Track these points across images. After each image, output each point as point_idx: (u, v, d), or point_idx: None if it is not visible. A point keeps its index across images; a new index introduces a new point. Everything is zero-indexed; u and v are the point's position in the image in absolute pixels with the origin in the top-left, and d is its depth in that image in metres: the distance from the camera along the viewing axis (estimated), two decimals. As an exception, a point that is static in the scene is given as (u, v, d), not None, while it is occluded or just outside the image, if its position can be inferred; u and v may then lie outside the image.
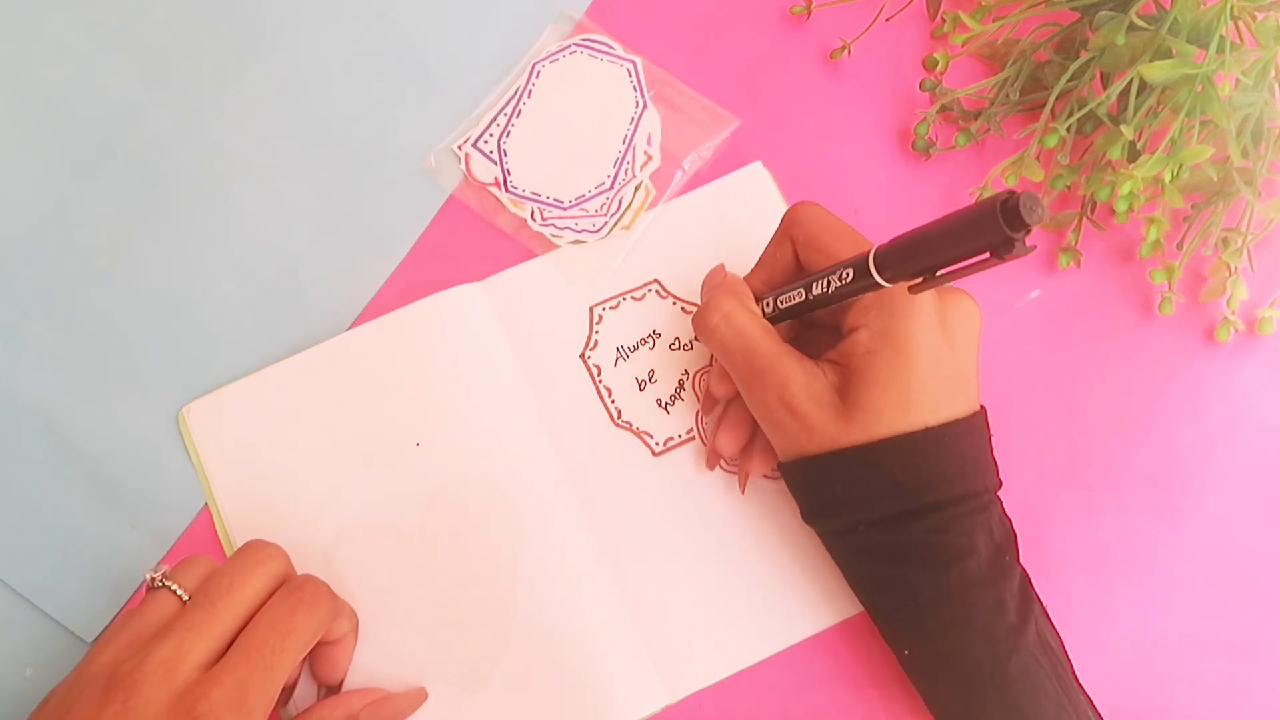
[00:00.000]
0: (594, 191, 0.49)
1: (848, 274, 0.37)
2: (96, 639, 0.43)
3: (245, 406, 0.46)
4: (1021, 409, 0.47)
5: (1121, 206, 0.45)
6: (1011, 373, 0.47)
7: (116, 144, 0.50)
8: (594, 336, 0.47)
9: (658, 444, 0.46)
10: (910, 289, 0.35)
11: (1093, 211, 0.48)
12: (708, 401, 0.46)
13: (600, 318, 0.47)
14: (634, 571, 0.44)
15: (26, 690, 0.43)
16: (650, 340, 0.47)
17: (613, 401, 0.46)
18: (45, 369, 0.47)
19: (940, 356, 0.38)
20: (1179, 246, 0.48)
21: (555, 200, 0.49)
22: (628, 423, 0.46)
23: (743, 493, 0.45)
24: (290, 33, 0.51)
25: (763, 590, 0.44)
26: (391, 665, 0.42)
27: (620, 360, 0.47)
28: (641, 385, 0.47)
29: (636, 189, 0.49)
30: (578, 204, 0.48)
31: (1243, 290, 0.46)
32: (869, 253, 0.36)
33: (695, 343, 0.47)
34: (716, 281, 0.43)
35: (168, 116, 0.50)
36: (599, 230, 0.48)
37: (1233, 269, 0.46)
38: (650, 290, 0.48)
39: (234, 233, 0.48)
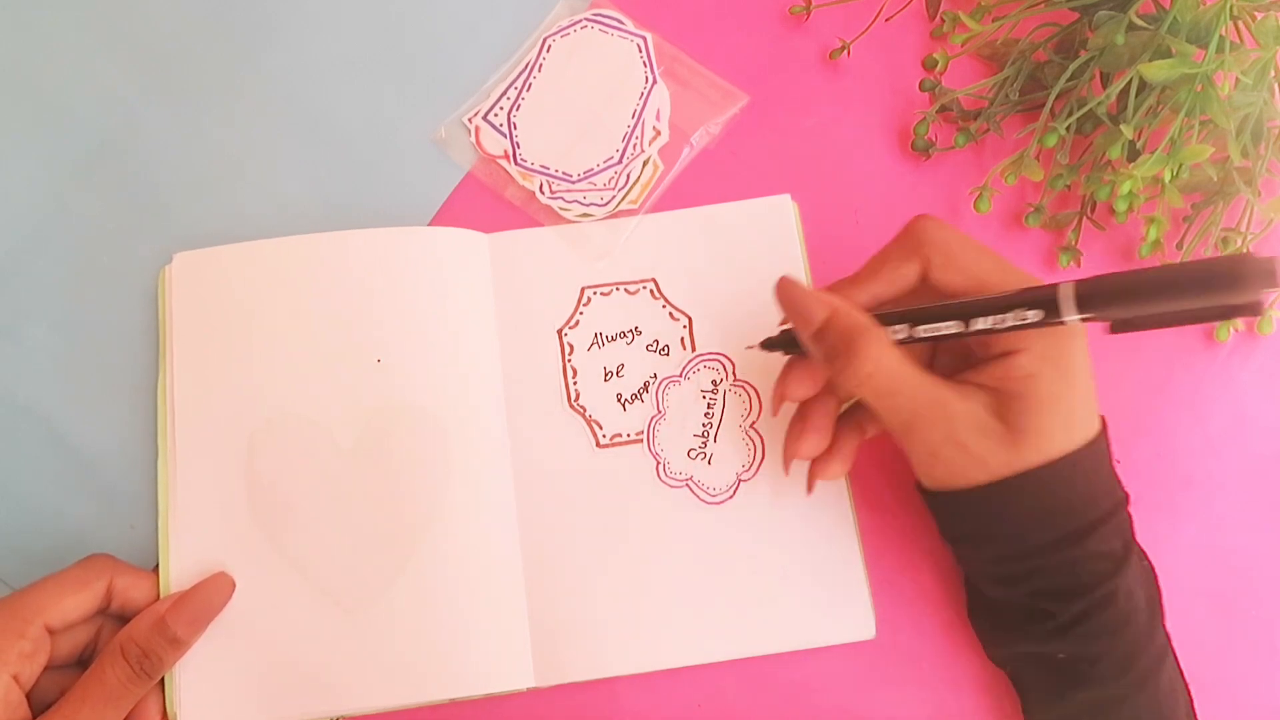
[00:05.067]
0: (602, 165, 0.49)
1: (1033, 314, 0.35)
2: None
3: (229, 271, 0.46)
4: (1021, 409, 0.47)
5: (1121, 206, 0.45)
6: (1011, 373, 0.47)
7: (116, 144, 0.50)
8: (577, 316, 0.47)
9: (604, 436, 0.46)
10: (1111, 330, 0.34)
11: (1093, 211, 0.48)
12: (776, 401, 0.43)
13: (589, 300, 0.47)
14: (543, 550, 0.44)
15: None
16: (630, 335, 0.47)
17: (575, 383, 0.46)
18: (44, 369, 0.47)
19: (1090, 371, 0.38)
20: (1179, 246, 0.48)
21: (564, 173, 0.49)
22: (582, 408, 0.46)
23: (810, 494, 0.44)
24: (298, 11, 0.51)
25: (664, 607, 0.44)
26: (281, 564, 0.43)
27: (595, 346, 0.47)
28: (608, 376, 0.47)
29: (644, 164, 0.49)
30: (586, 178, 0.49)
31: (1243, 290, 0.46)
32: (1055, 290, 0.34)
33: (671, 349, 0.47)
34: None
35: (167, 115, 0.50)
36: (606, 204, 0.48)
37: (1233, 269, 0.46)
38: (645, 288, 0.48)
39: (239, 222, 0.48)
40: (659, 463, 0.46)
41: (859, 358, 0.37)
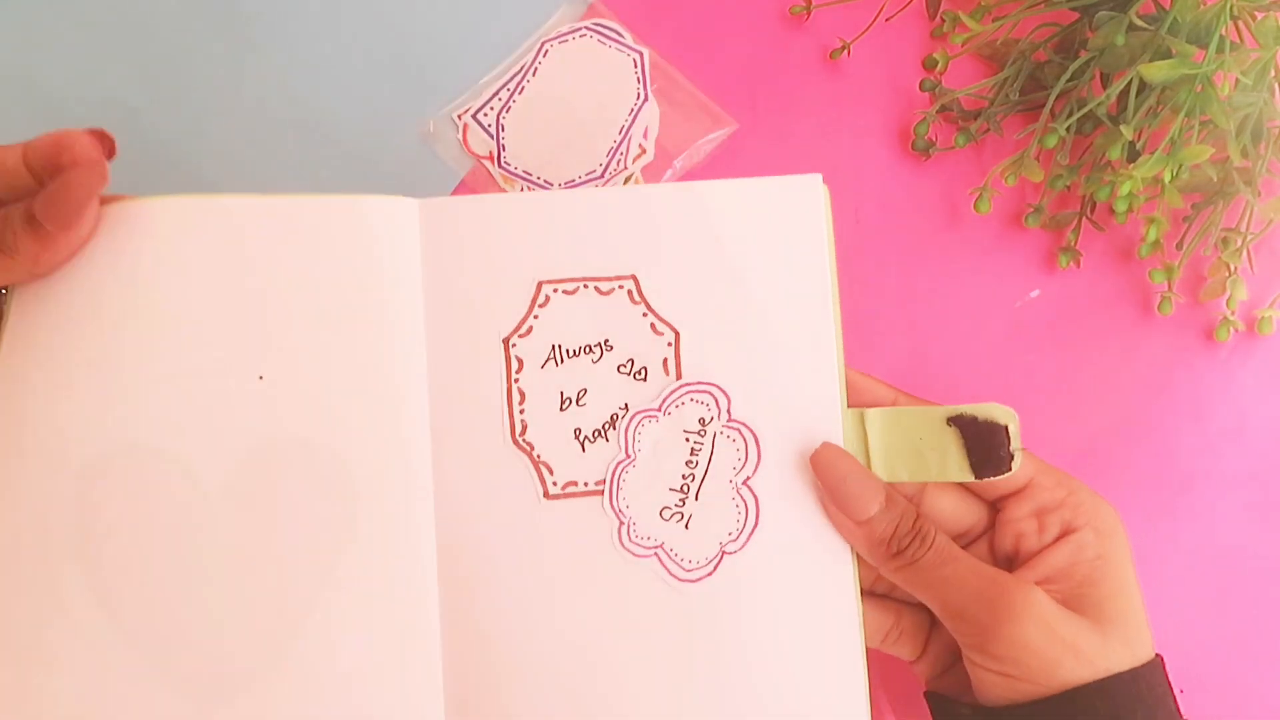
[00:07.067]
0: (584, 178, 0.48)
1: None
2: None
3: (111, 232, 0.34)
4: (1021, 409, 0.47)
5: (1121, 206, 0.45)
6: (1011, 373, 0.47)
7: (116, 143, 0.50)
8: (531, 320, 0.36)
9: (555, 483, 0.35)
10: None
11: (1092, 211, 0.48)
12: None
13: (547, 299, 0.36)
14: (469, 634, 0.34)
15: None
16: (598, 350, 0.36)
17: (521, 412, 0.35)
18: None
19: None
20: (1179, 246, 0.48)
21: (545, 182, 0.48)
22: (528, 444, 0.35)
23: None
24: (299, 9, 0.51)
25: (613, 714, 0.35)
26: (122, 645, 0.32)
27: (552, 362, 0.36)
28: (565, 404, 0.36)
29: (626, 180, 0.49)
30: (566, 188, 0.48)
31: (1242, 290, 0.46)
32: None
33: (650, 373, 0.36)
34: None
35: (166, 115, 0.50)
36: None
37: (1232, 269, 0.46)
38: (621, 287, 0.36)
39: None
40: (623, 523, 0.35)
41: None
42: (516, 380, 0.36)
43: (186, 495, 0.33)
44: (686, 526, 0.35)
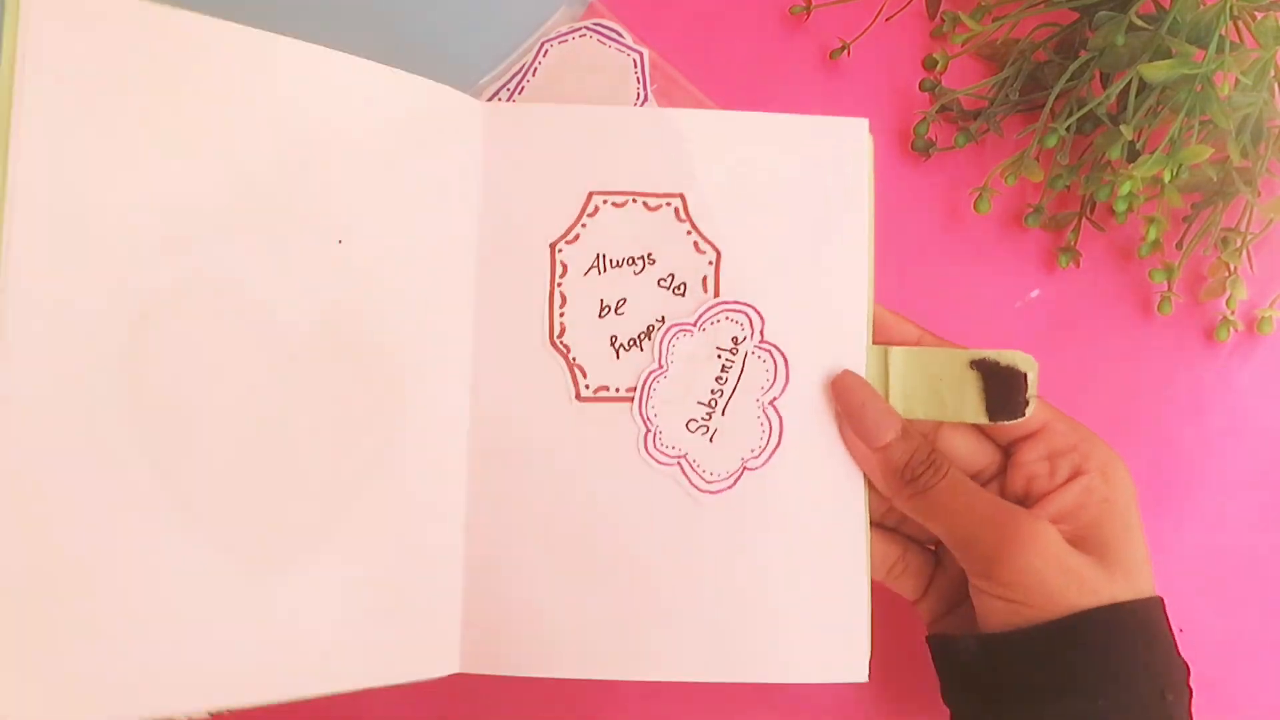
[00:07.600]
0: None
1: None
2: None
3: (136, 33, 0.32)
4: (1021, 409, 0.47)
5: (1121, 206, 0.45)
6: (1011, 373, 0.47)
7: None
8: (578, 228, 0.38)
9: (587, 386, 0.37)
10: None
11: (1092, 211, 0.48)
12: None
13: (596, 209, 0.38)
14: (491, 519, 0.36)
15: None
16: (640, 263, 0.38)
17: (561, 315, 0.37)
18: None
19: None
20: (1178, 246, 0.48)
21: None
22: (565, 346, 0.37)
23: None
24: (298, 5, 0.51)
25: (621, 608, 0.36)
26: (171, 507, 0.31)
27: (595, 270, 0.38)
28: (604, 311, 0.37)
29: None
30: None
31: (1242, 290, 0.46)
32: None
33: (689, 289, 0.38)
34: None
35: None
36: None
37: (1232, 269, 0.46)
38: (669, 205, 0.38)
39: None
40: (649, 431, 0.37)
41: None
42: (560, 284, 0.38)
43: (269, 342, 0.32)
44: (711, 440, 0.37)
